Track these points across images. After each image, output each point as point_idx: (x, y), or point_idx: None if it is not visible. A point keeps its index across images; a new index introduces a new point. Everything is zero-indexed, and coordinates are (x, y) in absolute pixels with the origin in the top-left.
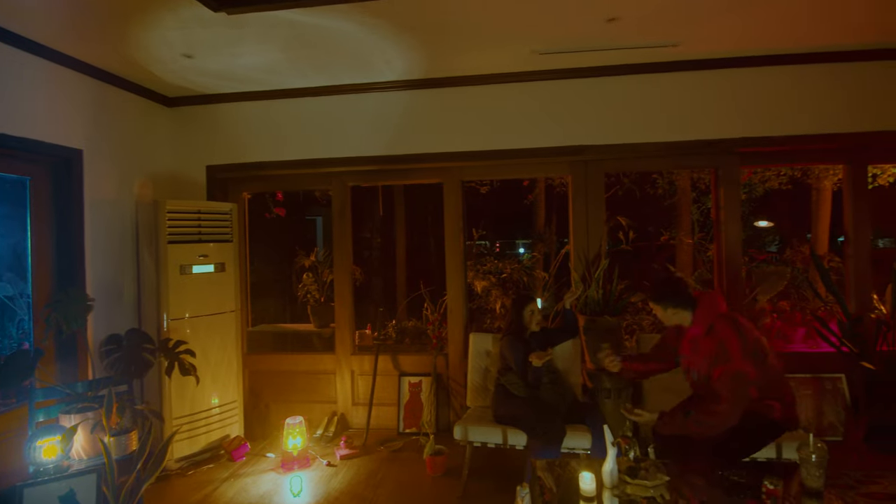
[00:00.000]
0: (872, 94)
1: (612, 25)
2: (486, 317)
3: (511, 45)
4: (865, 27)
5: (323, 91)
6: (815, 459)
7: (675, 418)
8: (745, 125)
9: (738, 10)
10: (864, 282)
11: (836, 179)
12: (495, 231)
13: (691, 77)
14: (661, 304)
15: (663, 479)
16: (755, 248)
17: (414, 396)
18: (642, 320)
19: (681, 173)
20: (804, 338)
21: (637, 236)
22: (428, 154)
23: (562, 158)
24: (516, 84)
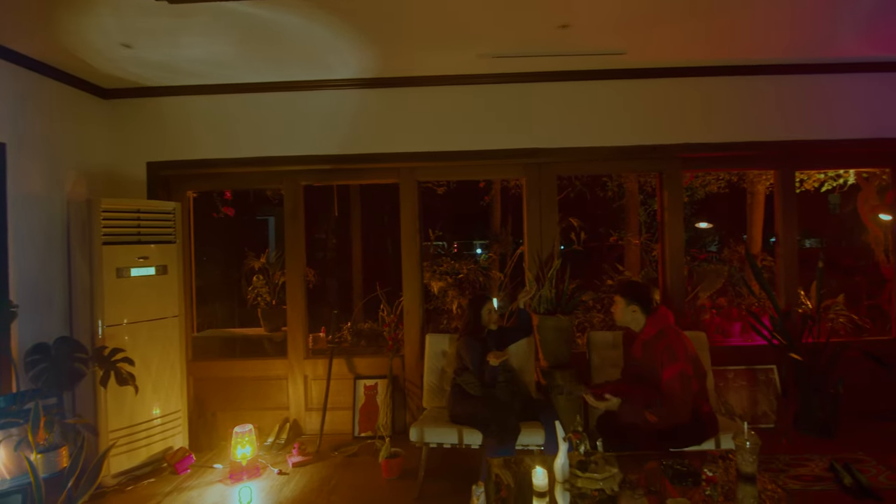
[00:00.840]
0: (800, 106)
1: (564, 32)
2: (442, 317)
3: (466, 47)
4: (797, 43)
5: (275, 87)
6: (749, 446)
7: (635, 406)
8: (687, 132)
9: (679, 23)
10: (793, 279)
11: (769, 184)
12: (453, 232)
13: (637, 85)
14: (627, 300)
15: (612, 471)
16: (697, 247)
17: (370, 399)
18: (593, 318)
19: (629, 177)
20: (740, 332)
21: (588, 237)
22: (383, 154)
23: (516, 161)
24: (472, 86)
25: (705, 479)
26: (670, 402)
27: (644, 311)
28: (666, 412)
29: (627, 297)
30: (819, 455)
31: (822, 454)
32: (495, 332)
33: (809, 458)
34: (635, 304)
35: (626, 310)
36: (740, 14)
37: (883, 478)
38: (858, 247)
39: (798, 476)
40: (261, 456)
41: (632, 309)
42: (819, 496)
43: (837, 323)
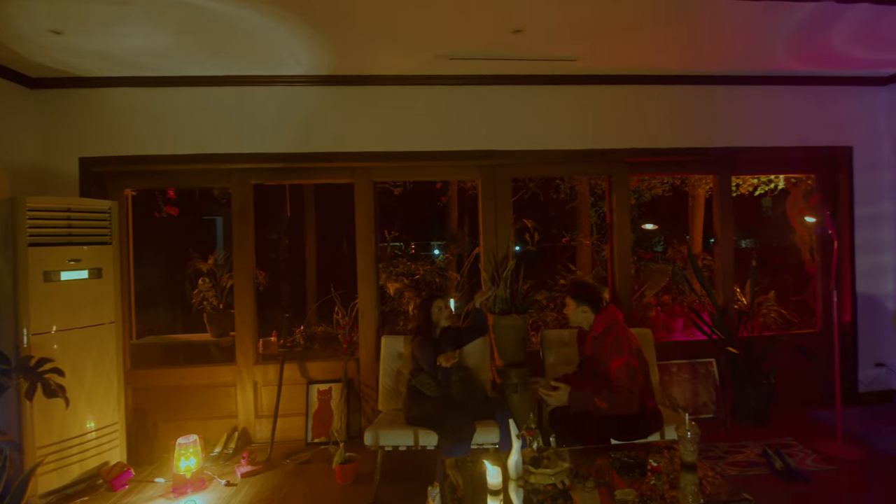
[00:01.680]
0: (736, 115)
1: (518, 37)
2: (399, 319)
3: (422, 48)
4: (735, 56)
5: (223, 81)
6: (690, 437)
7: (584, 395)
8: (634, 137)
9: (627, 34)
10: (730, 277)
11: (708, 188)
12: (410, 232)
13: (589, 90)
14: (577, 301)
15: (564, 465)
16: (643, 248)
17: (323, 404)
18: (547, 317)
19: (580, 179)
20: (683, 328)
21: (542, 238)
22: (337, 153)
23: (472, 162)
24: (428, 87)
25: (651, 470)
26: (618, 391)
27: (593, 310)
28: (614, 399)
29: (577, 297)
30: (754, 442)
31: (756, 441)
32: (450, 331)
33: (745, 445)
34: (585, 305)
35: (577, 310)
36: (683, 28)
37: (810, 461)
38: (787, 247)
39: (735, 462)
40: (207, 467)
41: (582, 309)
42: (753, 480)
43: (769, 318)
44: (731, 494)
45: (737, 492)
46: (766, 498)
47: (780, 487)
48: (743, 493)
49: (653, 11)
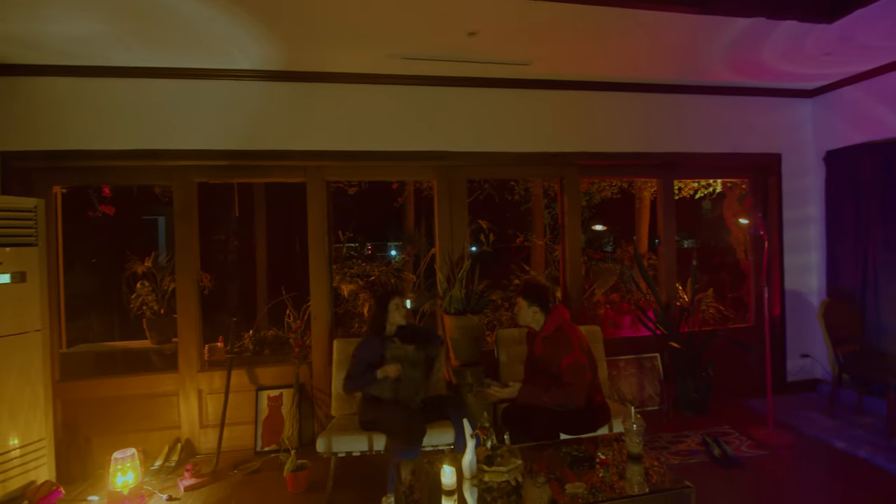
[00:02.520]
0: (678, 122)
1: (472, 39)
2: (353, 321)
3: (376, 47)
4: (676, 66)
5: (164, 73)
6: (636, 429)
7: (533, 391)
8: (584, 141)
9: (577, 41)
10: (672, 276)
11: (653, 191)
12: (366, 233)
13: (542, 95)
14: (528, 301)
15: (517, 462)
16: (594, 248)
17: (274, 411)
18: (502, 316)
19: (534, 181)
20: (630, 324)
21: (497, 238)
22: (289, 151)
23: (427, 163)
24: (385, 86)
25: (599, 463)
26: (565, 388)
27: (544, 310)
28: (560, 394)
29: (529, 298)
30: (694, 431)
31: (696, 430)
32: (406, 330)
33: (687, 435)
34: (536, 306)
35: (528, 311)
36: (629, 38)
37: (745, 447)
38: (724, 247)
39: (678, 451)
40: (147, 482)
41: (533, 310)
42: (694, 468)
43: (708, 314)
44: (674, 483)
45: (679, 480)
46: (706, 484)
47: (718, 474)
48: (684, 482)
49: (600, 22)
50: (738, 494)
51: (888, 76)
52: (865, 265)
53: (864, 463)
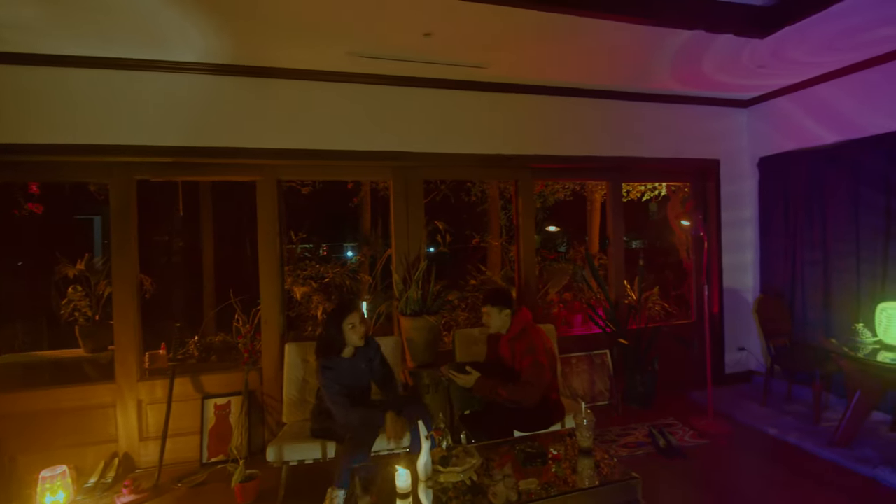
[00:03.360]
0: (626, 128)
1: (428, 40)
2: (307, 324)
3: (333, 44)
4: (625, 74)
5: (102, 63)
6: (586, 424)
7: (489, 384)
8: (538, 144)
9: (529, 47)
10: (621, 275)
11: (603, 194)
12: (321, 234)
13: (498, 98)
14: (500, 307)
15: (472, 462)
16: (548, 248)
17: (221, 420)
18: (458, 316)
19: (490, 183)
20: (582, 322)
21: (454, 239)
22: (239, 149)
23: (383, 163)
24: (341, 84)
25: (552, 458)
26: (523, 386)
27: (512, 312)
28: (517, 391)
29: (499, 304)
30: (641, 424)
31: (643, 423)
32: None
33: (634, 428)
34: (507, 309)
35: (499, 316)
36: (580, 45)
37: (687, 437)
38: (668, 247)
39: (626, 444)
40: (79, 501)
41: (504, 314)
42: (641, 459)
43: (654, 311)
44: (622, 475)
45: (626, 472)
46: (651, 474)
47: (662, 463)
48: (631, 473)
49: (552, 28)
50: (680, 482)
51: (814, 89)
52: (794, 264)
53: (793, 447)
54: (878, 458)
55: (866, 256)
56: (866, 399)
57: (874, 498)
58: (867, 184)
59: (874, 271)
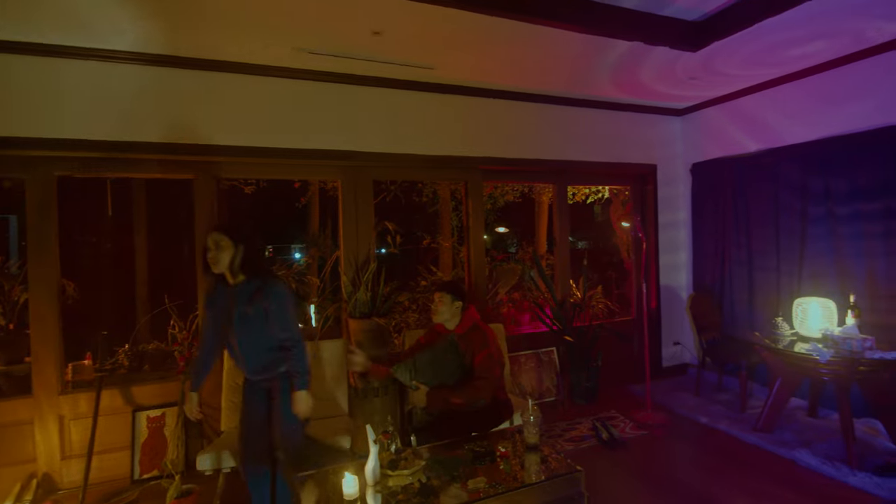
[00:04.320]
0: (570, 132)
1: (377, 39)
2: None
3: (279, 38)
4: (568, 80)
5: (18, 48)
6: (533, 420)
7: (440, 395)
8: (487, 147)
9: (475, 51)
10: (566, 275)
11: (550, 196)
12: (267, 235)
13: (448, 100)
14: (453, 296)
15: (421, 463)
16: (499, 249)
17: (155, 433)
18: (409, 318)
19: (441, 184)
20: (530, 321)
21: (405, 240)
22: (176, 144)
23: (332, 162)
24: (288, 80)
25: (500, 456)
26: (476, 383)
27: (464, 307)
28: (471, 391)
29: (453, 293)
30: (586, 418)
31: (588, 417)
32: (242, 288)
33: (579, 422)
34: (460, 301)
35: (451, 306)
36: (528, 51)
37: (628, 429)
38: (611, 247)
39: (571, 438)
40: None
41: (456, 305)
42: (585, 452)
43: (597, 309)
44: (567, 469)
45: (570, 466)
46: (594, 466)
47: (605, 455)
48: (575, 466)
49: (500, 33)
50: (621, 472)
51: (740, 100)
52: (723, 263)
53: (722, 434)
54: (796, 441)
55: (785, 256)
56: (785, 387)
57: (792, 478)
58: (785, 189)
59: (792, 270)
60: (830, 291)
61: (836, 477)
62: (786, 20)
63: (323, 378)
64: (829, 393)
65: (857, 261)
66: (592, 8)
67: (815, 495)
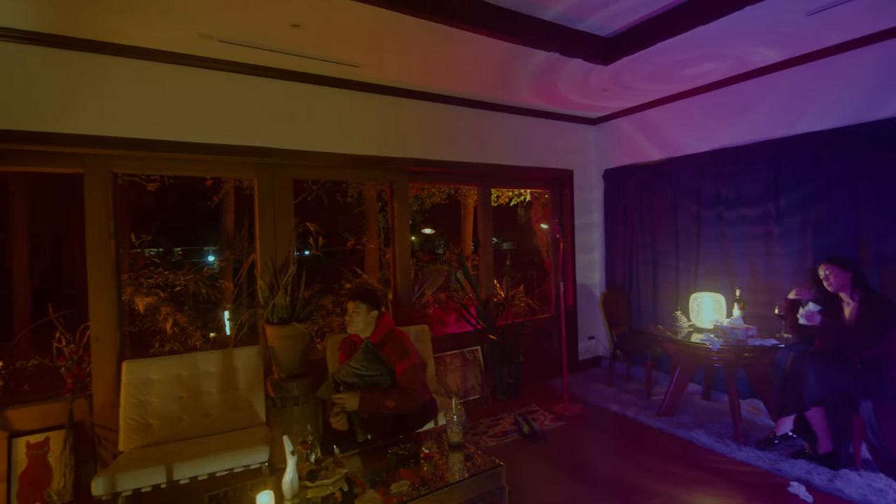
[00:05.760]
0: (494, 136)
1: (297, 32)
2: (153, 339)
3: (180, 21)
4: (492, 86)
5: None
6: (456, 419)
7: (373, 398)
8: (413, 148)
9: (401, 51)
10: (490, 275)
11: (475, 198)
12: (176, 236)
13: (374, 99)
14: (369, 305)
15: (342, 472)
16: (427, 250)
17: (37, 460)
18: (333, 322)
19: (367, 184)
20: (456, 321)
21: (329, 242)
22: (60, 135)
23: (247, 159)
24: (197, 69)
25: (423, 457)
26: (406, 390)
27: (380, 315)
28: (403, 396)
29: (370, 302)
30: (509, 413)
31: (510, 412)
32: None
33: (502, 417)
34: (376, 310)
35: (367, 315)
36: (455, 54)
37: (547, 421)
38: (532, 248)
39: (495, 434)
40: None
41: (373, 314)
42: (508, 446)
43: (520, 307)
44: (489, 464)
45: (492, 461)
46: (516, 459)
47: (526, 448)
48: (496, 461)
49: (424, 35)
50: (541, 463)
51: (646, 113)
52: (630, 262)
53: (631, 420)
54: (693, 422)
55: (683, 255)
56: (684, 374)
57: (690, 456)
58: (683, 195)
59: (689, 268)
60: (721, 287)
61: (726, 453)
62: (679, 43)
63: (236, 388)
64: (720, 378)
65: (742, 259)
66: (513, 17)
67: (707, 470)
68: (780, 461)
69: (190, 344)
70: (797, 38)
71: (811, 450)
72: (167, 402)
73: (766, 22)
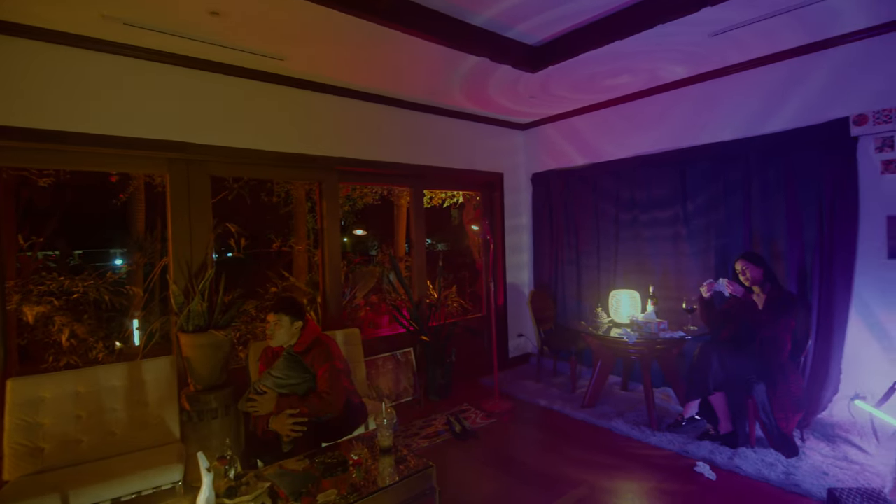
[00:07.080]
0: (426, 138)
1: (215, 19)
2: (46, 353)
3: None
4: (426, 88)
5: None
6: (386, 423)
7: (290, 403)
8: (343, 147)
9: (329, 47)
10: (423, 276)
11: (408, 199)
12: (76, 238)
13: (301, 95)
14: (292, 317)
15: (264, 486)
16: (359, 252)
17: None
18: (256, 328)
19: (295, 184)
20: (388, 323)
21: (253, 244)
22: None
23: (157, 153)
24: (103, 55)
25: (352, 464)
26: (323, 396)
27: (303, 325)
28: (318, 403)
29: (293, 314)
30: (441, 413)
31: (442, 412)
32: None
33: (434, 418)
34: (300, 321)
35: (290, 328)
36: (380, 54)
37: (479, 419)
38: (465, 249)
39: (427, 435)
40: None
41: (296, 326)
42: (440, 447)
43: (452, 308)
44: (420, 466)
45: (423, 463)
46: (448, 458)
47: (458, 447)
48: (428, 462)
49: (352, 31)
50: (472, 461)
51: (570, 120)
52: (556, 263)
53: (557, 413)
54: (613, 412)
55: (604, 255)
56: (605, 367)
57: (610, 444)
58: (603, 199)
59: (609, 267)
60: (637, 284)
61: (641, 439)
62: (599, 56)
63: (146, 403)
64: (637, 369)
65: (655, 258)
66: (443, 20)
67: (625, 456)
68: (688, 443)
69: (91, 357)
70: (702, 56)
71: (714, 431)
72: (62, 422)
73: (676, 41)
